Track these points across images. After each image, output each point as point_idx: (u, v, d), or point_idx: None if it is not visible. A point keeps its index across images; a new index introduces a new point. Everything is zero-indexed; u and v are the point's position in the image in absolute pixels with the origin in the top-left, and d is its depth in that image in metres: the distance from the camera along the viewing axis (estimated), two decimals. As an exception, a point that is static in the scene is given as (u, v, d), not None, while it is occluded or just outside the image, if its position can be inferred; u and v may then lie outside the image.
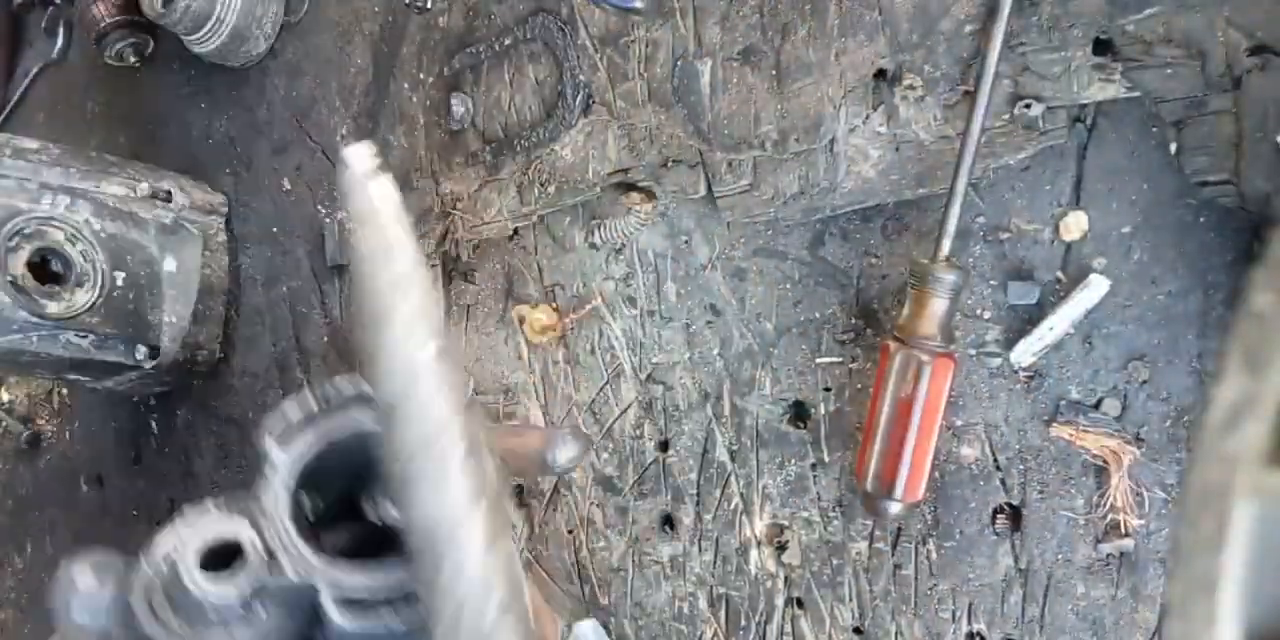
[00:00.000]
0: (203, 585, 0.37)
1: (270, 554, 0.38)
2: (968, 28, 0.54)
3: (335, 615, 0.37)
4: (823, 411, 0.60)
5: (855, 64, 0.57)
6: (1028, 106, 0.52)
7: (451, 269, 0.76)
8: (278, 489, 0.39)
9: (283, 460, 0.39)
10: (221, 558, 0.38)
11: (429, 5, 0.74)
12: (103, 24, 0.89)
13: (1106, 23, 0.50)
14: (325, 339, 0.85)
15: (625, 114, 0.64)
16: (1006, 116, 0.53)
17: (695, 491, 0.64)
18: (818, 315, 0.61)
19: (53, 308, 0.85)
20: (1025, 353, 0.54)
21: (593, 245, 0.68)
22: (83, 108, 1.03)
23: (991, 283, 0.55)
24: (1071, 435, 0.53)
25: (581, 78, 0.66)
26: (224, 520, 0.39)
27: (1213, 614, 0.22)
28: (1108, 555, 0.53)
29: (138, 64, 0.92)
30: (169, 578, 0.37)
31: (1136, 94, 0.50)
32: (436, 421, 0.34)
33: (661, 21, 0.63)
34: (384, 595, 0.38)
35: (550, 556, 0.72)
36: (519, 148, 0.68)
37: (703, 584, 0.64)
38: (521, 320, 0.72)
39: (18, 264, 0.82)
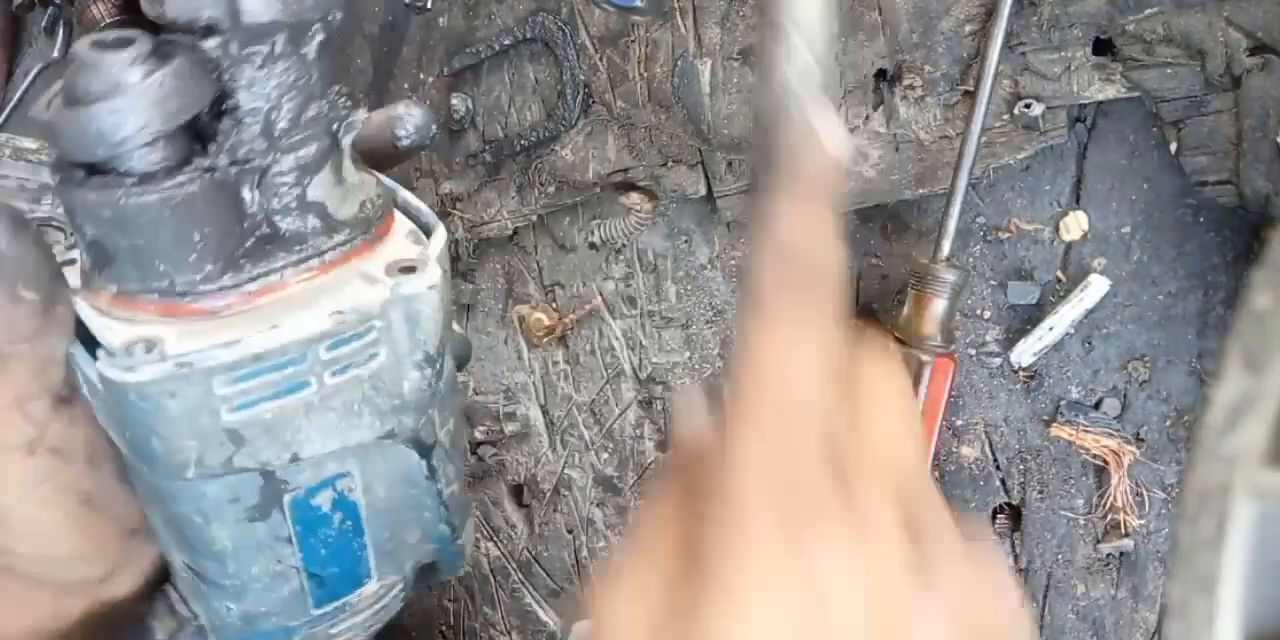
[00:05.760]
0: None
1: None
2: (968, 28, 0.54)
3: None
4: (823, 411, 0.60)
5: (855, 64, 0.57)
6: (1028, 106, 0.52)
7: (451, 269, 0.76)
8: None
9: None
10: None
11: (429, 5, 0.74)
12: (103, 24, 0.89)
13: (1106, 23, 0.50)
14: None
15: (625, 114, 0.64)
16: (1006, 116, 0.53)
17: (695, 491, 0.64)
18: (818, 315, 0.61)
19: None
20: (1025, 353, 0.54)
21: (593, 245, 0.68)
22: (83, 108, 1.03)
23: (991, 283, 0.56)
24: (1071, 435, 0.53)
25: (581, 78, 0.66)
26: None
27: (1213, 614, 0.22)
28: (1108, 555, 0.53)
29: (138, 64, 0.92)
30: None
31: (1136, 94, 0.50)
32: None
33: (661, 21, 0.63)
34: None
35: (550, 556, 0.72)
36: (519, 148, 0.68)
37: (703, 584, 0.64)
38: (522, 320, 0.72)
39: (18, 264, 0.82)
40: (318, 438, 0.39)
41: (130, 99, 0.32)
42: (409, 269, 0.38)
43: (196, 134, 0.35)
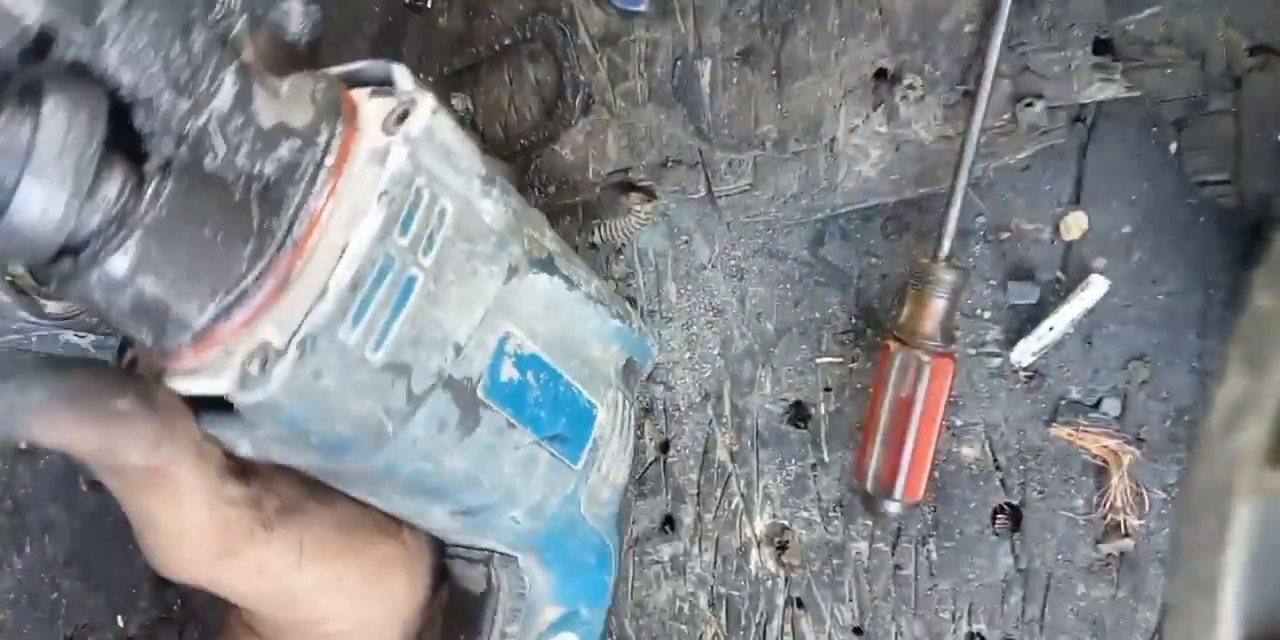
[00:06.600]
0: None
1: None
2: (968, 28, 0.54)
3: None
4: (823, 411, 0.60)
5: (855, 64, 0.57)
6: (1029, 106, 0.52)
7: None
8: None
9: None
10: None
11: (429, 5, 0.74)
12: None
13: (1106, 23, 0.50)
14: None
15: (625, 114, 0.64)
16: (1006, 116, 0.53)
17: (696, 491, 0.64)
18: (818, 315, 0.61)
19: (53, 308, 0.85)
20: (1025, 352, 0.54)
21: (593, 245, 0.68)
22: (82, 108, 1.02)
23: (991, 283, 0.55)
24: (1071, 435, 0.53)
25: (581, 78, 0.66)
26: None
27: (1213, 614, 0.22)
28: (1108, 555, 0.53)
29: (137, 64, 0.92)
30: None
31: (1136, 94, 0.50)
32: None
33: (662, 21, 0.63)
34: None
35: (550, 556, 0.72)
36: (519, 148, 0.68)
37: (703, 584, 0.64)
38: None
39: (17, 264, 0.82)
40: (461, 316, 0.37)
41: (35, 171, 0.28)
42: (403, 115, 0.35)
43: (129, 143, 0.31)
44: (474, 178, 0.37)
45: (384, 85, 0.37)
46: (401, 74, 0.37)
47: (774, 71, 0.59)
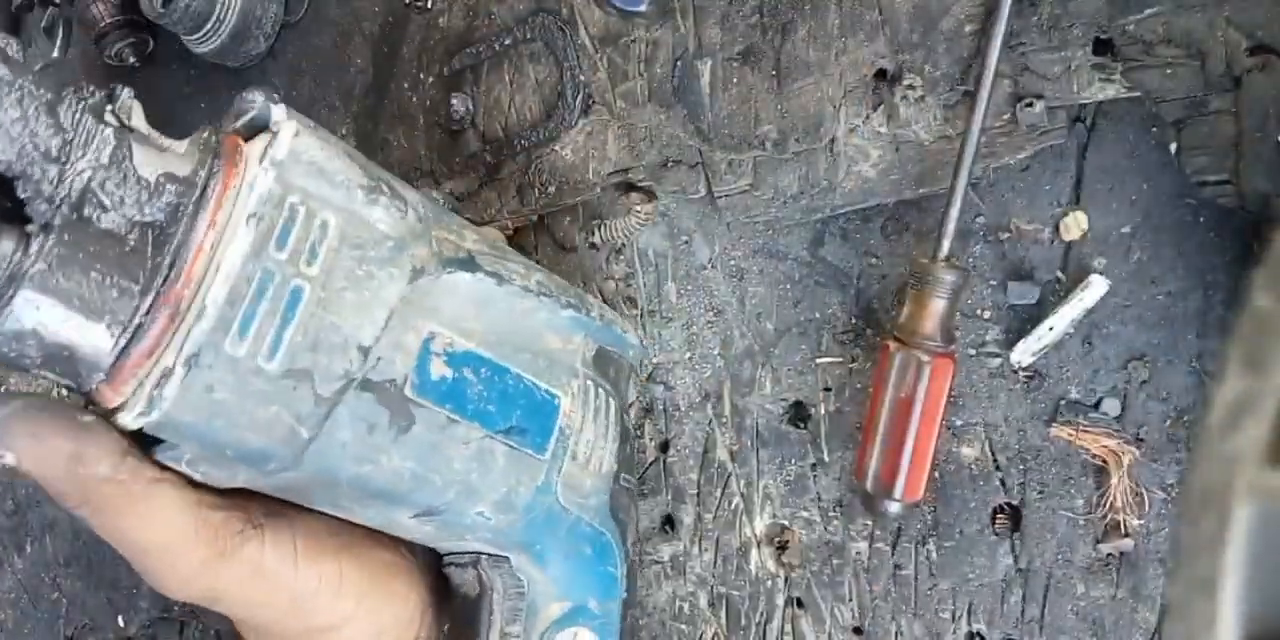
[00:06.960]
0: None
1: None
2: (968, 28, 0.54)
3: None
4: (823, 411, 0.60)
5: (855, 64, 0.57)
6: (1029, 106, 0.52)
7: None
8: None
9: None
10: None
11: (429, 5, 0.74)
12: (102, 24, 0.88)
13: (1106, 23, 0.50)
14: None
15: (625, 114, 0.64)
16: (1006, 116, 0.53)
17: (696, 491, 0.64)
18: (818, 315, 0.61)
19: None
20: (1025, 353, 0.54)
21: (593, 245, 0.68)
22: (82, 108, 1.02)
23: (991, 283, 0.56)
24: (1071, 435, 0.53)
25: (581, 78, 0.66)
26: None
27: (1213, 614, 0.22)
28: (1108, 555, 0.53)
29: (137, 64, 0.92)
30: None
31: (1136, 94, 0.50)
32: None
33: (662, 21, 0.63)
34: None
35: (550, 556, 0.72)
36: (519, 148, 0.68)
37: (703, 584, 0.64)
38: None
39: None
40: (361, 318, 0.38)
41: None
42: (271, 143, 0.37)
43: (17, 206, 0.33)
44: (355, 189, 0.38)
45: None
46: (275, 109, 0.39)
47: (774, 71, 0.59)
